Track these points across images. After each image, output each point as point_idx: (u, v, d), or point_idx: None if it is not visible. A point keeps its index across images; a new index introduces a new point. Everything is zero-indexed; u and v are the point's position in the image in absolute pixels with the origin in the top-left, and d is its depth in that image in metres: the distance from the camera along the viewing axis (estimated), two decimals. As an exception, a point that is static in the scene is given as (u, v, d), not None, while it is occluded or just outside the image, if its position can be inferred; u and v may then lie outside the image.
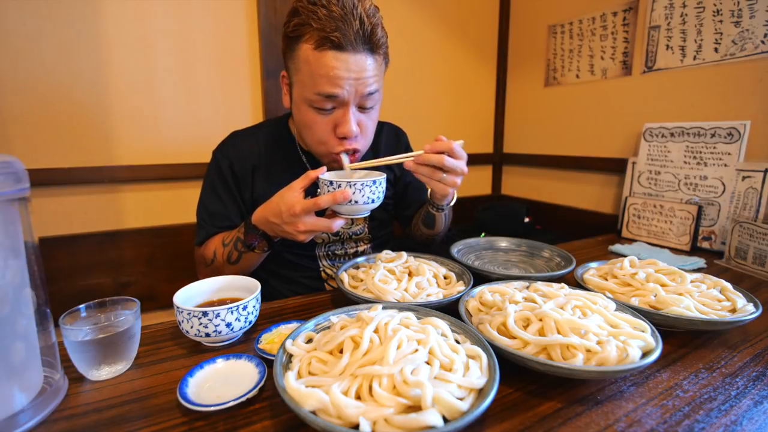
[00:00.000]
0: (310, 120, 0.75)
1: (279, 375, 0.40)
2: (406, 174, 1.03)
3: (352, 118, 0.73)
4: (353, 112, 0.74)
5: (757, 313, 0.58)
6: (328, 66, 0.68)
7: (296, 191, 0.67)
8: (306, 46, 0.69)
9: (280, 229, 0.69)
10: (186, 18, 1.22)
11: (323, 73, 0.68)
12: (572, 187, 1.61)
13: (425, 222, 0.93)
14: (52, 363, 0.48)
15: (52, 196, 1.14)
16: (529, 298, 0.57)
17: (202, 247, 0.87)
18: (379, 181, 0.67)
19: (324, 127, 0.75)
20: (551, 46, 1.62)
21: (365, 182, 0.65)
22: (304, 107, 0.75)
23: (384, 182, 0.69)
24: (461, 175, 0.73)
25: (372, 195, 0.67)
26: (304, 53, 0.69)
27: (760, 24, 1.03)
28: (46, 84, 1.08)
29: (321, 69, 0.68)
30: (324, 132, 0.75)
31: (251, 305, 0.58)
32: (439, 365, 0.41)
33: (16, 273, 0.42)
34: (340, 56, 0.68)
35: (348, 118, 0.73)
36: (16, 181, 0.42)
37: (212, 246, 0.83)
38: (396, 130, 1.05)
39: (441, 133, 0.74)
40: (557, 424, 0.42)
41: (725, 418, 0.43)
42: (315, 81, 0.69)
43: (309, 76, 0.70)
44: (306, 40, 0.69)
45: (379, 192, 0.68)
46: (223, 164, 0.86)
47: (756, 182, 1.00)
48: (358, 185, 0.65)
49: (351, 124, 0.73)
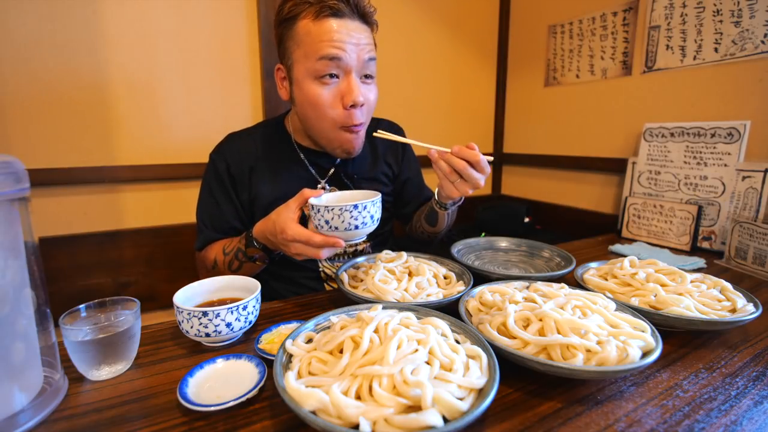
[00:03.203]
0: (314, 95, 0.74)
1: (279, 375, 0.40)
2: (404, 171, 1.03)
3: (356, 85, 0.74)
4: (357, 80, 0.74)
5: (757, 313, 0.58)
6: (330, 30, 0.70)
7: (291, 210, 0.65)
8: (305, 21, 0.72)
9: (277, 246, 0.69)
10: (186, 18, 1.22)
11: (326, 38, 0.70)
12: (572, 187, 1.61)
13: (428, 218, 0.93)
14: (52, 363, 0.48)
15: (52, 196, 1.14)
16: (529, 298, 0.57)
17: (202, 251, 0.87)
18: (363, 205, 0.60)
19: (329, 99, 0.75)
20: (551, 46, 1.62)
21: (345, 207, 0.59)
22: (307, 83, 0.74)
23: (372, 205, 0.62)
24: (475, 188, 0.73)
25: (355, 221, 0.60)
26: (304, 27, 0.72)
27: (760, 24, 1.03)
28: (47, 84, 1.08)
29: (323, 35, 0.70)
30: (329, 105, 0.75)
31: (251, 305, 0.58)
32: (439, 365, 0.41)
33: (16, 273, 0.42)
34: (340, 22, 0.71)
35: (353, 85, 0.74)
36: (16, 181, 0.42)
37: (213, 253, 0.83)
38: (394, 126, 1.05)
39: (441, 134, 0.74)
40: (557, 424, 0.42)
41: (725, 418, 0.43)
42: (317, 47, 0.71)
43: (311, 45, 0.71)
44: (303, 16, 0.72)
45: (364, 217, 0.61)
46: (220, 167, 0.86)
47: (756, 182, 1.00)
48: (337, 210, 0.59)
49: (357, 90, 0.73)
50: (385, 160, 0.99)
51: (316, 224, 0.62)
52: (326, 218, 0.60)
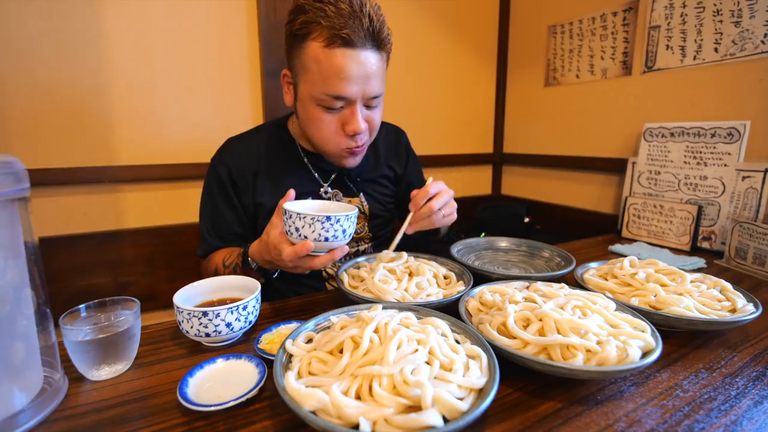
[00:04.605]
0: (317, 118, 0.75)
1: (279, 375, 0.40)
2: (408, 174, 1.03)
3: (360, 116, 0.74)
4: (360, 109, 0.75)
5: (757, 313, 0.58)
6: (339, 66, 0.68)
7: (278, 227, 0.62)
8: (315, 44, 0.68)
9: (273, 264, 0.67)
10: (186, 18, 1.22)
11: (333, 73, 0.69)
12: (572, 187, 1.61)
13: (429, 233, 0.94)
14: (52, 363, 0.48)
15: (52, 196, 1.14)
16: (529, 298, 0.57)
17: (205, 259, 0.88)
18: (336, 218, 0.59)
19: (332, 125, 0.76)
20: (551, 46, 1.62)
21: (317, 217, 0.58)
22: (311, 106, 0.75)
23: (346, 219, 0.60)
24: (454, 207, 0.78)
25: (326, 233, 0.59)
26: (313, 51, 0.69)
27: (760, 24, 1.03)
28: (47, 84, 1.08)
29: (331, 69, 0.68)
30: (332, 130, 0.76)
31: (251, 305, 0.58)
32: (439, 365, 0.41)
33: (16, 273, 0.42)
34: (350, 53, 0.68)
35: (356, 117, 0.74)
36: (16, 181, 0.42)
37: (213, 264, 0.83)
38: (395, 130, 1.05)
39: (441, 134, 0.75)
40: (557, 424, 0.42)
41: (725, 418, 0.43)
42: (325, 81, 0.70)
43: (319, 75, 0.70)
44: (314, 38, 0.68)
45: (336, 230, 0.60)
46: (222, 172, 0.85)
47: (756, 182, 1.00)
48: (308, 219, 0.58)
49: (359, 121, 0.74)
50: (387, 162, 0.99)
51: (287, 230, 0.61)
52: (297, 225, 0.59)
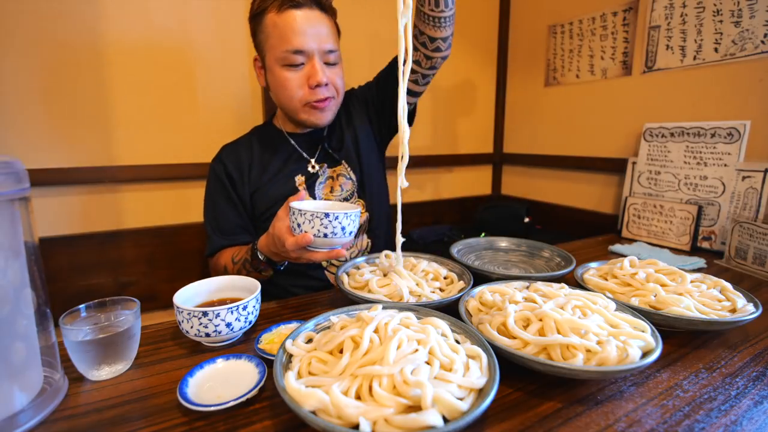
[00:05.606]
0: (284, 78, 0.85)
1: (279, 375, 0.40)
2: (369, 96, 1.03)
3: (320, 68, 0.84)
4: (321, 66, 0.84)
5: (757, 313, 0.58)
6: (292, 24, 0.81)
7: (283, 220, 0.68)
8: (271, 15, 0.82)
9: (279, 255, 0.72)
10: (187, 17, 1.22)
11: (289, 30, 0.81)
12: (572, 187, 1.61)
13: None
14: (52, 363, 0.48)
15: (52, 196, 1.14)
16: (529, 298, 0.57)
17: (213, 258, 0.92)
18: (334, 215, 0.61)
19: (297, 81, 0.85)
20: (551, 46, 1.62)
21: (316, 214, 0.61)
22: (277, 69, 0.85)
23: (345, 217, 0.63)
24: None
25: (324, 229, 0.61)
26: (271, 20, 0.82)
27: (760, 24, 1.03)
28: (47, 84, 1.08)
29: (286, 26, 0.81)
30: (297, 86, 0.85)
31: (251, 305, 0.58)
32: (439, 365, 0.41)
33: (16, 273, 0.42)
34: (299, 13, 0.81)
35: (316, 69, 0.84)
36: (17, 181, 0.42)
37: (222, 261, 0.87)
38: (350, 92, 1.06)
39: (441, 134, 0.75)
40: (557, 424, 0.42)
41: (725, 418, 0.43)
42: (283, 39, 0.81)
43: (277, 37, 0.82)
44: (269, 9, 0.81)
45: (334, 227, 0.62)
46: (218, 169, 0.93)
47: (756, 182, 1.00)
48: (308, 215, 0.61)
49: (319, 71, 0.83)
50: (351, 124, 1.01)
51: (292, 226, 0.65)
52: (298, 221, 0.63)
